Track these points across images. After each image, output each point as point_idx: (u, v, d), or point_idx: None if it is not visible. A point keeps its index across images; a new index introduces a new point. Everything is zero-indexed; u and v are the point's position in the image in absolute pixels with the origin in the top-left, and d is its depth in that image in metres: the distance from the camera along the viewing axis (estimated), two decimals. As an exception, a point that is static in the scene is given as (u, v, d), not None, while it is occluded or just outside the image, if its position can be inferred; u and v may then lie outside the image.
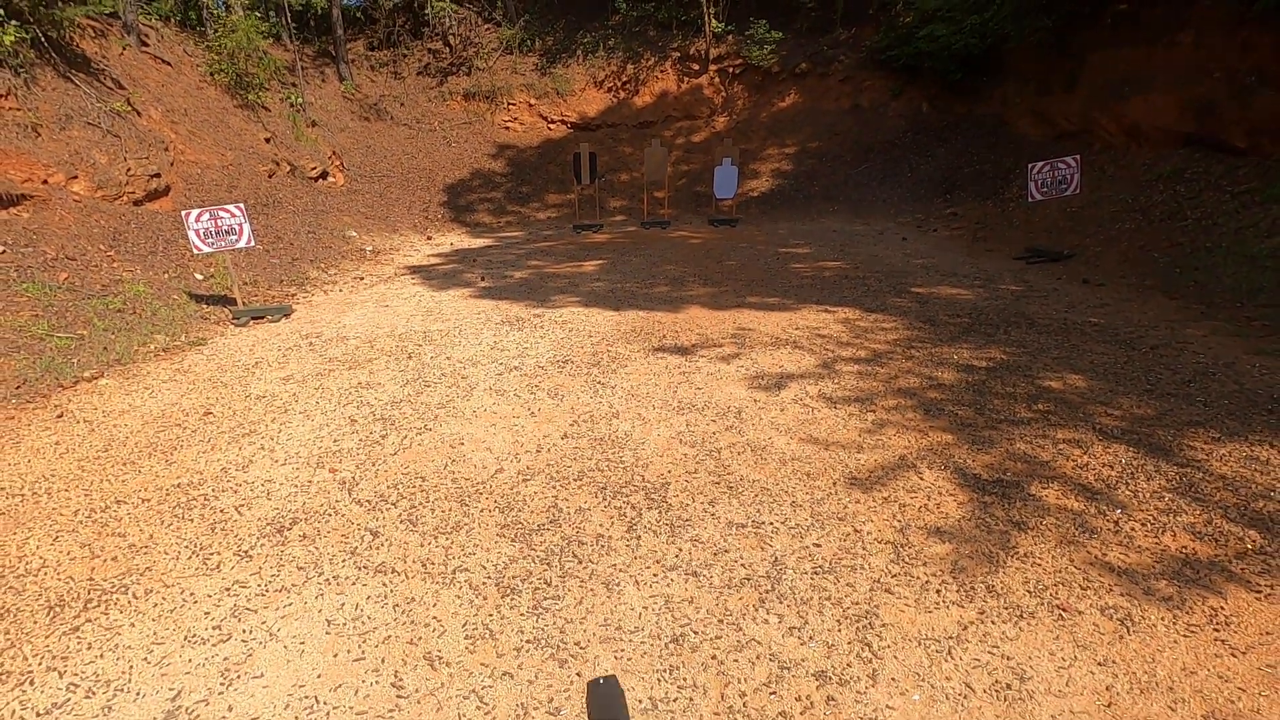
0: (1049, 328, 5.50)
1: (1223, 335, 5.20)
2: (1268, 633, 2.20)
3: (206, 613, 2.53)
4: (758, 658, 2.21)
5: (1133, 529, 2.79)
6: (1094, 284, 7.06)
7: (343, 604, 2.54)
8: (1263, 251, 6.81)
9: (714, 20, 17.59)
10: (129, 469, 3.72)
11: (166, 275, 7.52)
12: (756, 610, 2.42)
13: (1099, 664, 2.11)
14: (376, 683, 2.17)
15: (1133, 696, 1.99)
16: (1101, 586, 2.46)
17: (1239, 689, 1.99)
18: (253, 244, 7.11)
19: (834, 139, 15.55)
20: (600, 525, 3.00)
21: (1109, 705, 1.96)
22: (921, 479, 3.27)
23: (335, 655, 2.29)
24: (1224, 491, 3.01)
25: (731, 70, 17.41)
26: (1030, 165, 8.84)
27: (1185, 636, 2.20)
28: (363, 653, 2.30)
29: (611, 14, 18.98)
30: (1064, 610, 2.35)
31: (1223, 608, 2.32)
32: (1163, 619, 2.29)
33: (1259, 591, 2.39)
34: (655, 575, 2.64)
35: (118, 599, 2.63)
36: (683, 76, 17.86)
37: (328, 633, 2.40)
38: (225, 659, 2.30)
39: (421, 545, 2.90)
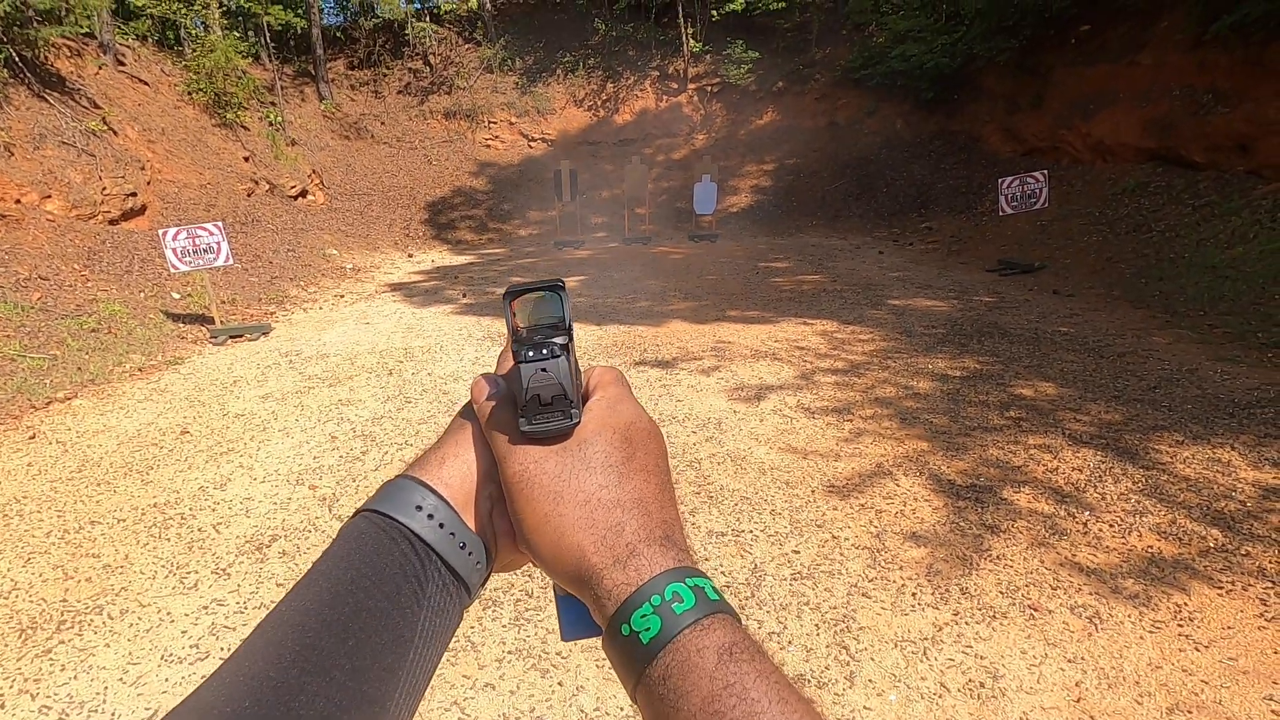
0: (1021, 337, 5.63)
1: (1186, 342, 5.36)
2: (1229, 627, 2.27)
3: (184, 631, 2.51)
4: (738, 663, 2.23)
5: (1101, 530, 2.86)
6: (1064, 295, 7.25)
7: (323, 619, 2.53)
8: (1223, 262, 7.04)
9: (692, 40, 17.90)
10: (104, 489, 3.67)
11: (143, 294, 7.45)
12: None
13: (1069, 661, 2.17)
14: (357, 697, 2.16)
15: (1101, 691, 2.04)
16: (1071, 586, 2.52)
17: (1202, 682, 2.05)
18: (231, 262, 7.08)
19: (811, 156, 15.83)
20: (582, 536, 3.01)
21: (1078, 701, 2.01)
22: (898, 486, 3.33)
23: (315, 671, 2.28)
24: (1188, 492, 3.10)
25: (710, 89, 17.70)
26: (1000, 180, 9.07)
27: (1151, 632, 2.27)
28: (343, 667, 2.29)
29: (591, 34, 19.24)
30: (1035, 610, 2.41)
31: (1187, 604, 2.40)
32: (1130, 616, 2.35)
33: (1221, 588, 2.47)
34: (636, 584, 2.66)
35: (92, 620, 2.60)
36: (662, 95, 18.13)
37: (308, 648, 2.38)
38: (203, 678, 2.26)
39: (403, 560, 2.89)
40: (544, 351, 0.37)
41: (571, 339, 0.39)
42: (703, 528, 3.03)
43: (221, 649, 2.40)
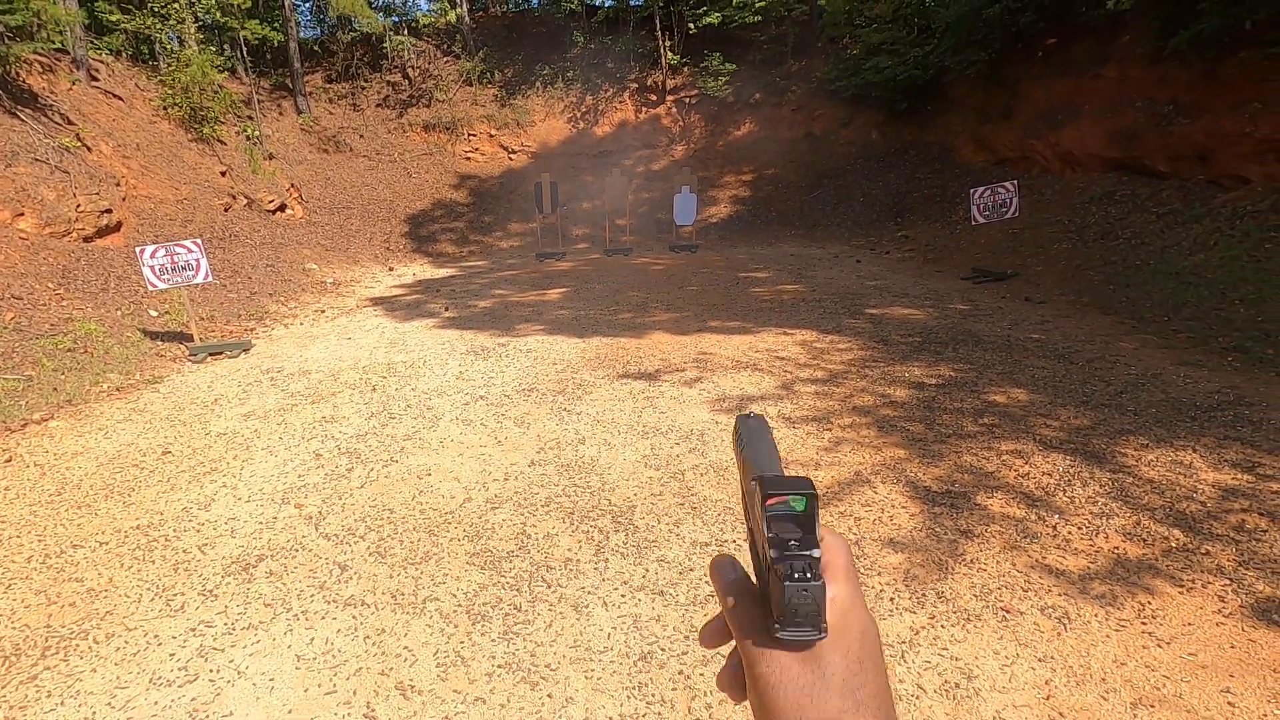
0: (994, 345, 5.78)
1: (1151, 348, 5.54)
2: (1189, 624, 2.38)
3: (172, 654, 2.51)
4: (722, 671, 2.29)
5: (1070, 533, 2.97)
6: (1035, 302, 7.44)
7: (312, 639, 2.55)
8: (1185, 268, 7.28)
9: (670, 52, 18.12)
10: (84, 512, 3.65)
11: (119, 312, 7.38)
12: (721, 625, 2.51)
13: (1039, 660, 2.26)
14: (349, 715, 2.19)
15: (1069, 689, 2.13)
16: (1041, 588, 2.62)
17: (1164, 677, 2.15)
18: (210, 279, 7.04)
19: (789, 166, 16.06)
20: (568, 549, 3.06)
21: (1048, 698, 2.10)
22: (876, 493, 3.42)
23: (306, 690, 2.31)
24: (1152, 495, 3.23)
25: (688, 100, 17.90)
26: (972, 190, 9.29)
27: (1117, 630, 2.37)
28: (334, 686, 2.32)
29: (570, 46, 19.38)
30: (1007, 612, 2.50)
31: (1150, 603, 2.50)
32: (1097, 615, 2.45)
33: (1182, 586, 2.58)
34: (623, 596, 2.72)
35: (77, 645, 2.59)
36: (641, 107, 18.30)
37: (298, 668, 2.41)
38: (193, 700, 2.29)
39: (391, 577, 2.92)
40: (809, 575, 0.39)
41: (819, 555, 0.41)
42: (687, 538, 3.09)
43: (211, 670, 2.41)
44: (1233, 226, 7.64)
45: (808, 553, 0.40)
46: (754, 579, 0.44)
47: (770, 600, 0.41)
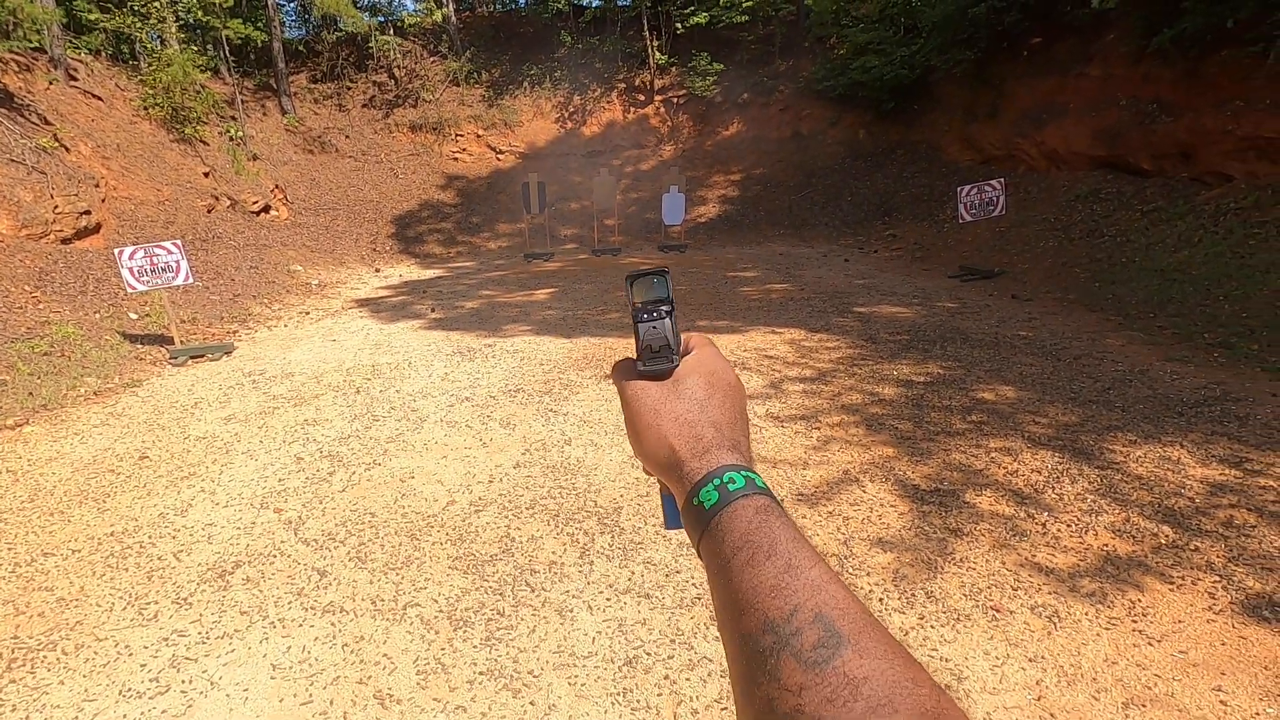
0: (982, 342, 5.77)
1: (1138, 344, 5.55)
2: (1180, 621, 2.36)
3: (143, 665, 2.44)
4: (709, 675, 2.25)
5: (1059, 530, 2.95)
6: (1022, 299, 7.45)
7: (289, 647, 2.49)
8: (1170, 265, 7.32)
9: (657, 53, 18.09)
10: (57, 519, 3.56)
11: (98, 315, 7.25)
12: (707, 628, 2.47)
13: (1030, 660, 2.22)
14: (325, 725, 2.13)
15: (1060, 689, 2.10)
16: (1031, 586, 2.59)
17: (1155, 675, 2.12)
18: (191, 281, 6.93)
19: (777, 166, 16.07)
20: (553, 552, 3.01)
21: (1039, 699, 2.07)
22: (864, 492, 3.39)
23: (281, 700, 2.24)
24: (1140, 491, 3.21)
25: (676, 100, 17.88)
26: (959, 188, 9.31)
27: (1107, 629, 2.34)
28: (310, 695, 2.25)
29: (557, 47, 19.31)
30: (997, 611, 2.47)
31: (1140, 600, 2.48)
32: (1087, 614, 2.42)
33: (1172, 583, 2.56)
34: (608, 599, 2.67)
35: (45, 656, 2.51)
36: (629, 107, 18.26)
37: (273, 677, 2.34)
38: (163, 712, 2.21)
39: (371, 582, 2.86)
40: (653, 314, 0.53)
41: (674, 309, 0.54)
42: (674, 540, 3.04)
43: (183, 681, 2.34)
44: (1216, 223, 7.69)
45: (656, 305, 0.53)
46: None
47: (637, 349, 0.53)
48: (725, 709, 2.10)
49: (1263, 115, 7.89)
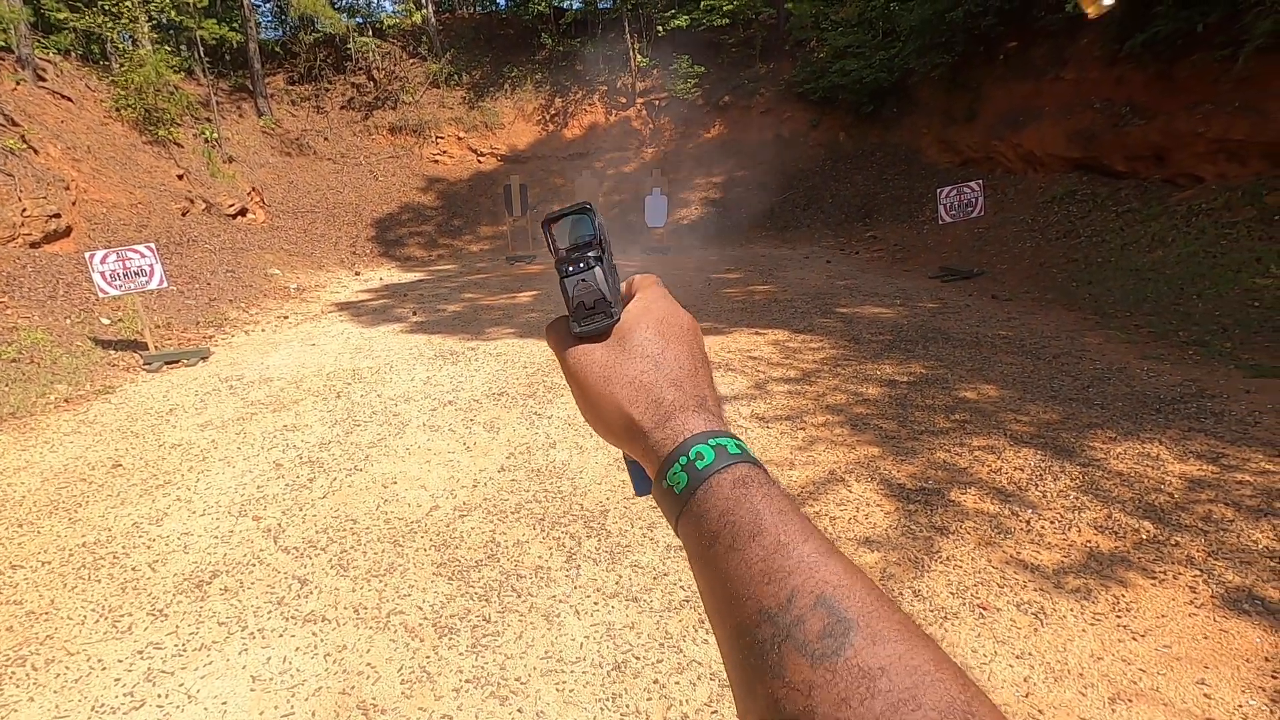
0: (963, 341, 5.83)
1: (1115, 343, 5.63)
2: (1163, 615, 2.38)
3: (117, 679, 2.37)
4: (699, 678, 2.23)
5: (1043, 527, 2.97)
6: (1002, 299, 7.54)
7: (269, 658, 2.43)
8: (1145, 265, 7.45)
9: (638, 55, 18.10)
10: (26, 530, 3.45)
11: (68, 321, 7.07)
12: (696, 631, 2.45)
13: (1017, 657, 2.23)
14: (306, 738, 2.08)
15: (1048, 685, 2.11)
16: (1017, 583, 2.61)
17: (1140, 670, 2.14)
18: (165, 285, 6.79)
19: (758, 168, 16.13)
20: (539, 557, 2.98)
21: (1027, 695, 2.07)
22: (850, 491, 3.39)
23: (261, 713, 2.18)
24: (1121, 487, 3.25)
25: (658, 103, 17.90)
26: (939, 190, 9.41)
27: (1092, 625, 2.36)
28: (291, 708, 2.20)
29: (538, 49, 19.26)
30: (984, 609, 2.48)
31: (1124, 595, 2.50)
32: (1072, 610, 2.44)
33: (1155, 578, 2.59)
34: (596, 603, 2.64)
35: (14, 672, 2.43)
36: (611, 109, 18.25)
37: (252, 690, 2.28)
38: (138, 727, 2.15)
39: (353, 590, 2.80)
40: (580, 265, 0.45)
41: (606, 250, 0.46)
42: (661, 542, 3.02)
43: (159, 695, 2.27)
44: (1189, 224, 7.84)
45: (582, 251, 0.45)
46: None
47: (567, 308, 0.46)
48: (715, 712, 2.09)
49: (1232, 118, 8.07)
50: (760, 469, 0.39)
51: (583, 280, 0.45)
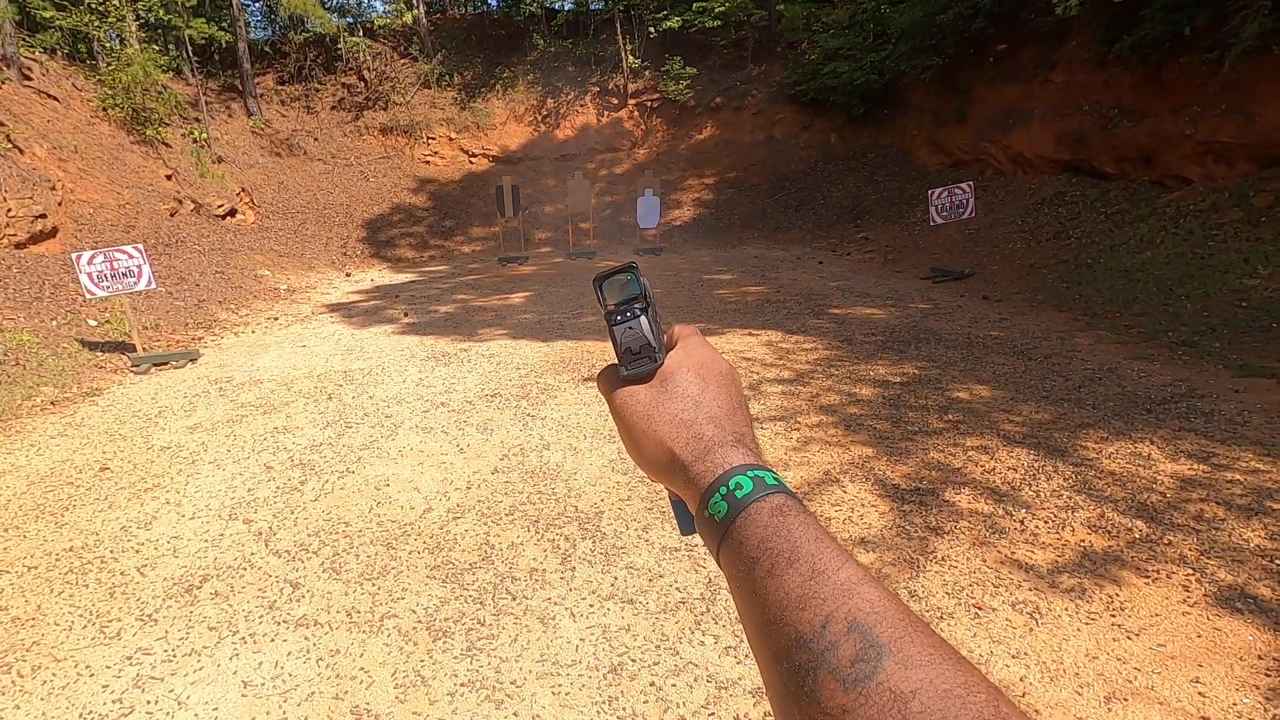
0: (955, 342, 5.85)
1: (1106, 343, 5.67)
2: (1156, 614, 2.39)
3: (105, 685, 2.33)
4: (695, 680, 2.22)
5: (1037, 527, 2.98)
6: (993, 300, 7.58)
7: (260, 663, 2.40)
8: (1134, 266, 7.51)
9: (630, 56, 18.10)
10: (12, 535, 3.40)
11: (55, 322, 6.99)
12: (693, 632, 2.44)
13: (1013, 657, 2.24)
14: (299, 744, 2.05)
15: (1044, 685, 2.11)
16: (1012, 583, 2.61)
17: (1135, 669, 2.15)
18: (153, 286, 6.72)
19: (750, 169, 16.18)
20: (534, 559, 2.96)
21: (1023, 696, 2.08)
22: (845, 492, 3.40)
23: (253, 719, 2.15)
24: (1114, 487, 3.27)
25: (650, 104, 17.91)
26: (930, 191, 9.46)
27: (1087, 624, 2.37)
28: (284, 713, 2.17)
29: (530, 49, 19.23)
30: (979, 609, 2.48)
31: (1118, 594, 2.51)
32: (1067, 609, 2.45)
33: (1148, 576, 2.60)
34: (591, 605, 2.62)
35: (-1, 679, 2.39)
36: (603, 110, 18.23)
37: (244, 695, 2.25)
38: (127, 735, 2.12)
39: (346, 594, 2.77)
40: (627, 315, 0.50)
41: (650, 304, 0.51)
42: (656, 544, 3.01)
43: (148, 702, 2.24)
44: (1177, 225, 7.91)
45: (629, 305, 0.50)
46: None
47: (616, 354, 0.50)
48: (712, 714, 2.08)
49: (1219, 120, 8.15)
50: (796, 499, 0.41)
51: (630, 328, 0.50)
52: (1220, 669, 2.13)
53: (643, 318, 0.50)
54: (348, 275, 12.68)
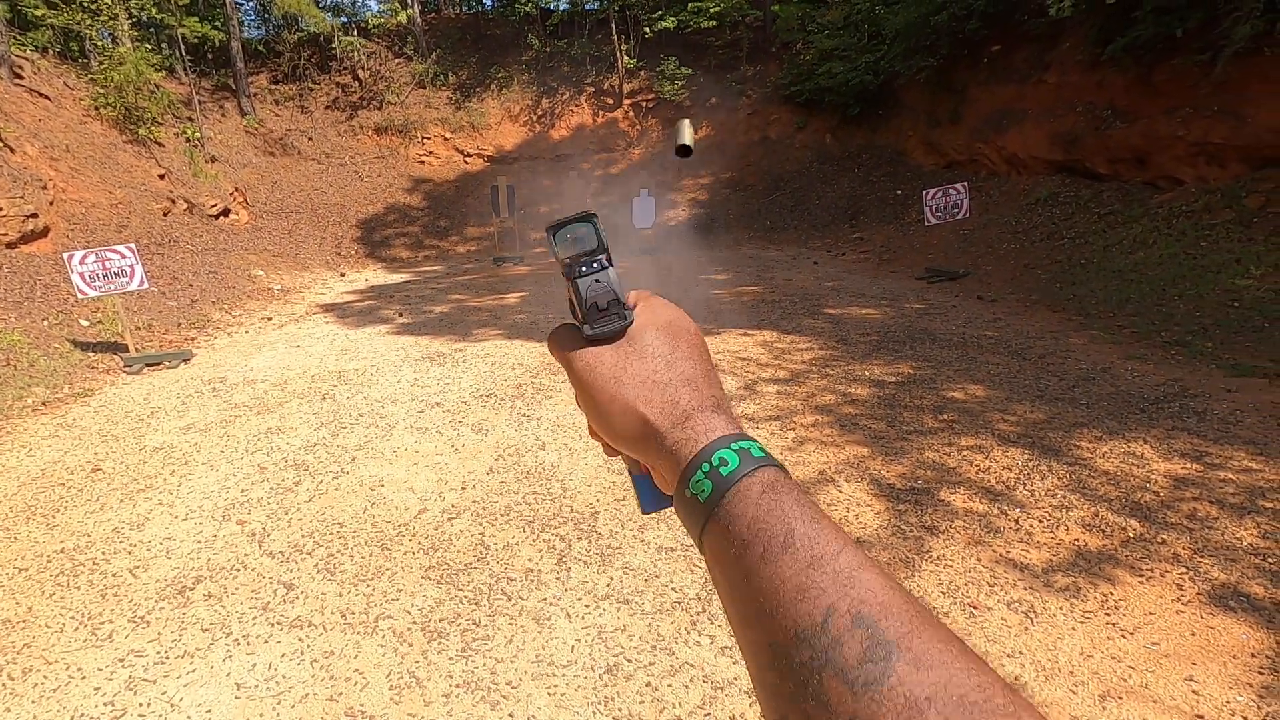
0: (950, 342, 5.86)
1: (1100, 343, 5.69)
2: (1150, 613, 2.40)
3: (97, 688, 2.31)
4: (691, 680, 2.22)
5: (1031, 526, 2.99)
6: (987, 300, 7.61)
7: (254, 664, 2.38)
8: (1127, 266, 7.54)
9: (626, 57, 18.10)
10: (2, 536, 3.38)
11: (46, 322, 6.94)
12: (689, 633, 2.44)
13: (1008, 656, 2.24)
14: (293, 746, 2.04)
15: (1039, 684, 2.12)
16: (1007, 582, 2.62)
17: (1129, 668, 2.16)
18: (146, 286, 6.68)
19: (746, 169, 16.19)
20: (529, 559, 2.95)
21: (1019, 694, 2.08)
22: (840, 492, 3.40)
23: (246, 721, 2.14)
24: (1108, 486, 3.28)
25: (645, 104, 17.91)
26: (925, 191, 9.48)
27: (1082, 623, 2.37)
28: (278, 715, 2.16)
29: (525, 49, 19.20)
30: (975, 608, 2.48)
31: (1112, 593, 2.52)
32: (1061, 608, 2.45)
33: (1142, 575, 2.61)
34: (587, 606, 2.62)
35: (-10, 682, 2.37)
36: (598, 110, 18.23)
37: (237, 697, 2.24)
38: (119, 737, 2.10)
39: (340, 595, 2.76)
40: (594, 265, 0.45)
41: (610, 257, 0.46)
42: (652, 544, 3.01)
43: (141, 704, 2.22)
44: (1169, 226, 7.95)
45: (591, 256, 0.46)
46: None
47: (577, 311, 0.45)
48: (709, 715, 2.07)
49: (1211, 121, 8.19)
50: (785, 472, 0.38)
51: (596, 280, 0.45)
52: (1214, 667, 2.14)
53: (610, 269, 0.45)
54: (342, 275, 12.63)
